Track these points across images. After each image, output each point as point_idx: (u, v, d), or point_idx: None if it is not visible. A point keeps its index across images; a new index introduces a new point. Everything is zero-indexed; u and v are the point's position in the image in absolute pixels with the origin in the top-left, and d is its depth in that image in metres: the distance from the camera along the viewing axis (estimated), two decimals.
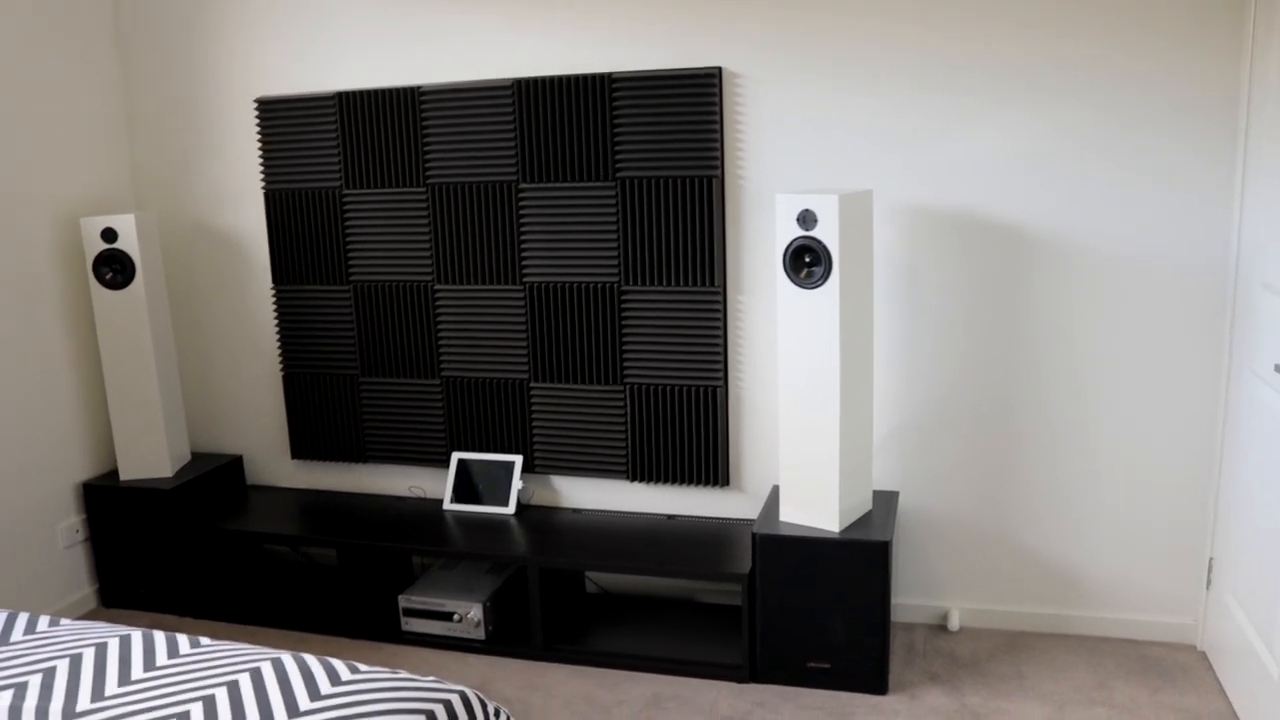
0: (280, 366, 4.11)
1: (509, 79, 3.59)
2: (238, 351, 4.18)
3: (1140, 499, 3.40)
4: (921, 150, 3.34)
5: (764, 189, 3.49)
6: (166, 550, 3.87)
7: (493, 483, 3.82)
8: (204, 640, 2.31)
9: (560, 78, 3.54)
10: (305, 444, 4.11)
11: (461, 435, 3.90)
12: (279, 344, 4.08)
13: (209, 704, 2.02)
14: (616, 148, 3.53)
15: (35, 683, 2.16)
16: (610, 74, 3.50)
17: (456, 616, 3.55)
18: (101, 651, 2.27)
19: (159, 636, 2.33)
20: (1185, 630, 3.45)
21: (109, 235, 3.77)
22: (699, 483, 3.68)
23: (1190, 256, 3.22)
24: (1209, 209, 3.18)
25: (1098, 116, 3.19)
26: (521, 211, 3.67)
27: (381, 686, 2.07)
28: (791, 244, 3.14)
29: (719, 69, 3.42)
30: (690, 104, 3.45)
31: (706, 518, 3.73)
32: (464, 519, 3.76)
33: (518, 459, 3.80)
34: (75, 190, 3.90)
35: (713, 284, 3.54)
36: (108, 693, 2.10)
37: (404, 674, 2.15)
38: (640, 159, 3.52)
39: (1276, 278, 2.83)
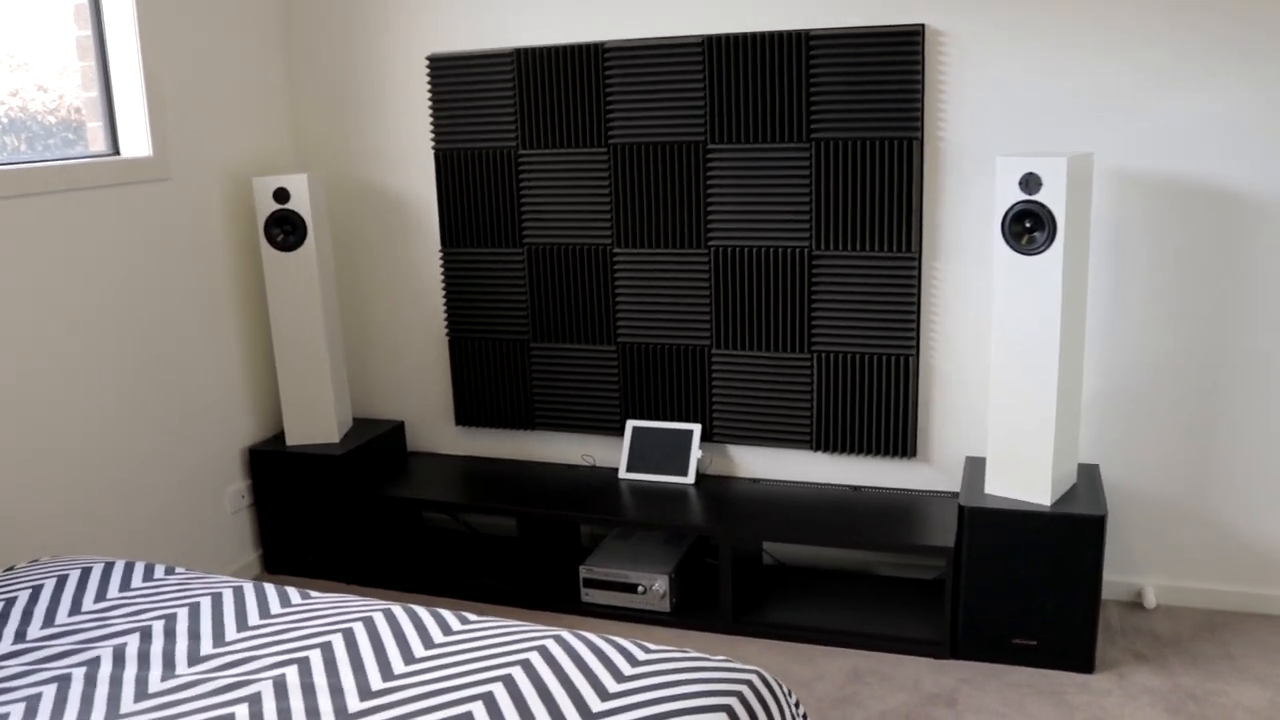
0: (446, 331, 4.04)
1: (699, 35, 3.48)
2: (402, 315, 4.11)
3: None
4: (1134, 114, 3.21)
5: (965, 152, 3.38)
6: (331, 517, 3.82)
7: (669, 451, 3.74)
8: (470, 617, 2.25)
9: (754, 34, 3.43)
10: (470, 410, 4.04)
11: (636, 403, 3.82)
12: (445, 308, 4.00)
13: (507, 686, 1.96)
14: (812, 108, 3.42)
15: (159, 628, 2.17)
16: (807, 31, 3.38)
17: (641, 588, 3.49)
18: (371, 625, 2.22)
19: (423, 613, 2.27)
20: None
21: (281, 195, 3.70)
22: (885, 453, 3.59)
23: None
24: None
25: None
26: (709, 173, 3.56)
27: (681, 666, 2.00)
28: (1012, 209, 3.02)
29: (922, 26, 3.29)
30: (890, 63, 3.33)
31: (892, 489, 3.64)
32: (640, 488, 3.69)
33: (696, 427, 3.72)
34: (241, 151, 3.84)
35: (909, 250, 3.43)
36: (414, 656, 2.05)
37: (693, 652, 2.08)
38: (836, 120, 3.41)
39: None
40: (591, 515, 3.50)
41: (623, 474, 3.78)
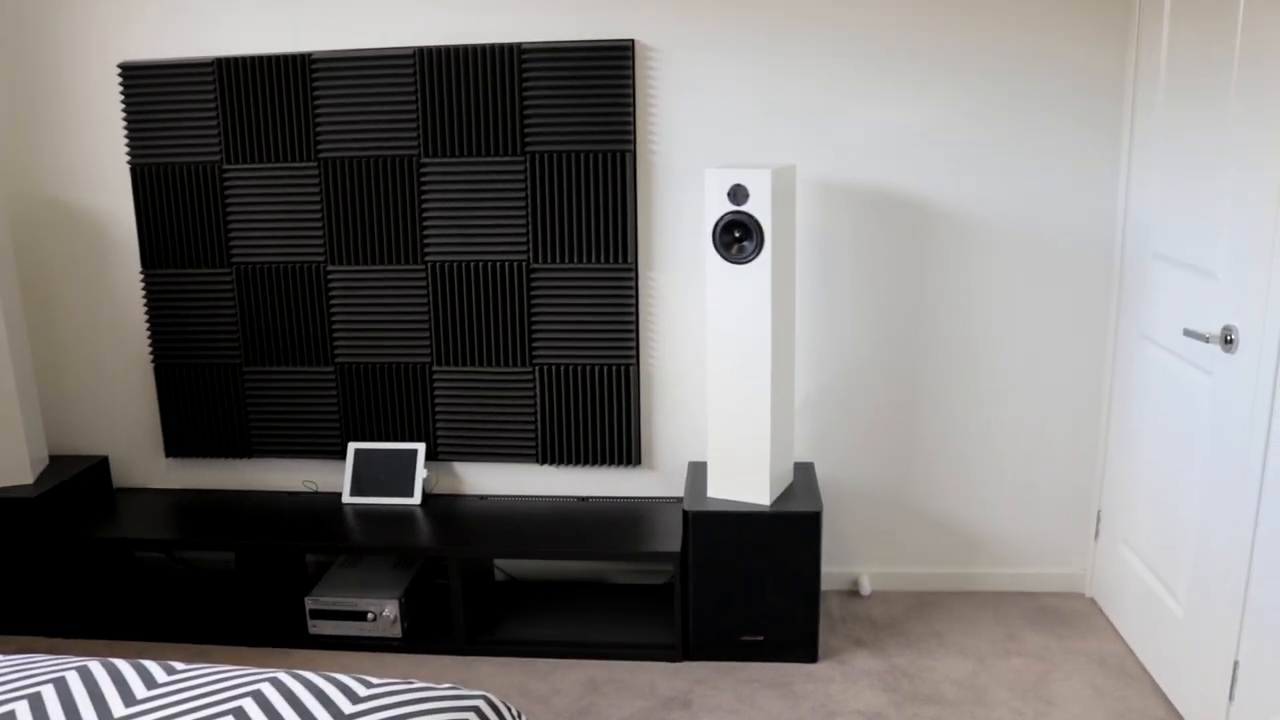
0: (151, 357, 3.79)
1: (411, 47, 3.41)
2: (101, 342, 3.83)
3: (1034, 461, 3.57)
4: (829, 126, 3.38)
5: (676, 164, 3.46)
6: (27, 564, 3.51)
7: (394, 473, 3.65)
8: (177, 666, 2.11)
9: (467, 47, 3.39)
10: (181, 440, 3.81)
11: (358, 424, 3.71)
12: (149, 333, 3.76)
13: None
14: (526, 121, 3.42)
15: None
16: (520, 44, 3.37)
17: (371, 615, 3.38)
18: (63, 686, 2.04)
19: (123, 666, 2.11)
20: (1075, 580, 3.64)
21: None
22: (610, 463, 3.63)
23: (1080, 228, 3.39)
24: (1098, 183, 3.35)
25: (996, 93, 3.31)
26: (424, 187, 3.50)
27: (404, 699, 1.94)
28: (722, 219, 3.11)
29: (632, 41, 3.35)
30: (603, 77, 3.37)
31: (620, 498, 3.68)
32: (366, 511, 3.58)
33: (420, 446, 3.65)
34: None
35: (625, 260, 3.48)
36: None
37: (417, 683, 2.02)
38: (551, 133, 3.42)
39: (1167, 247, 3.01)
40: (315, 543, 3.36)
41: (346, 499, 3.66)
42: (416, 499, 3.62)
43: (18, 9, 3.61)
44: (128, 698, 1.97)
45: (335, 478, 3.82)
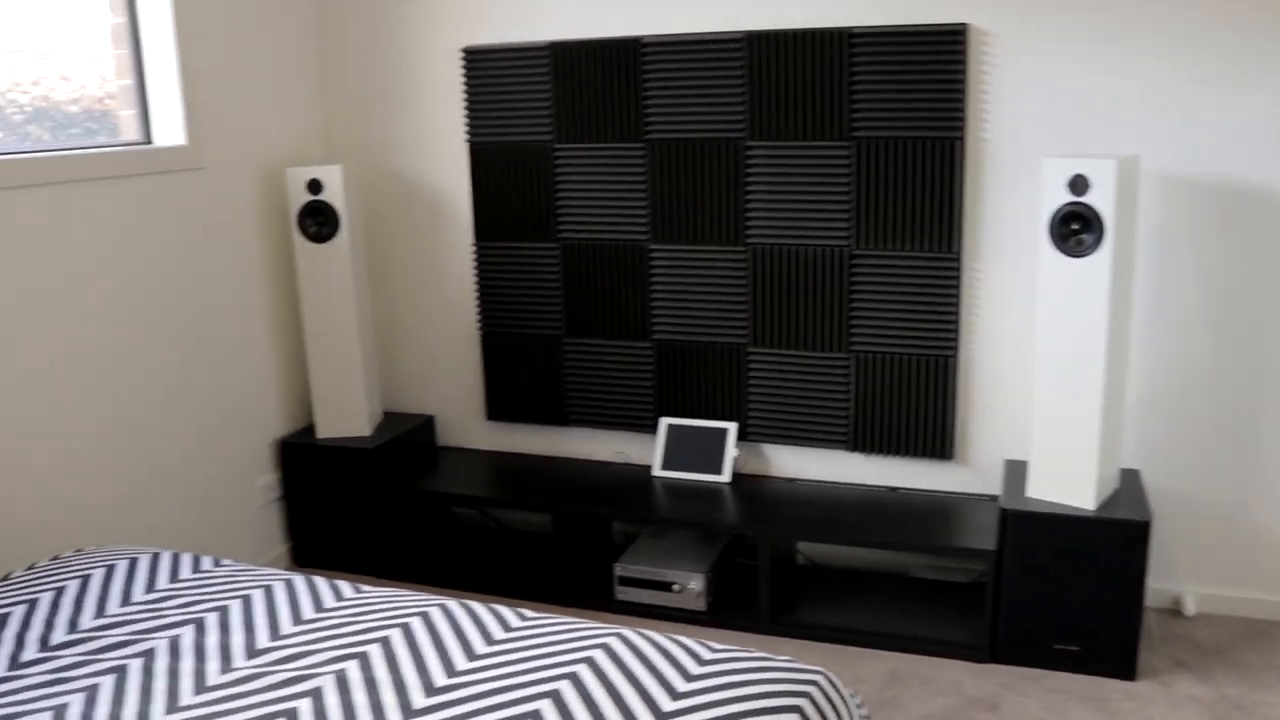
0: (479, 325, 4.01)
1: (741, 31, 3.45)
2: (433, 308, 4.08)
3: None
4: (1182, 117, 3.19)
5: (1007, 153, 3.35)
6: (361, 510, 3.79)
7: (704, 450, 3.71)
8: (528, 613, 2.22)
9: (796, 32, 3.40)
10: (502, 405, 4.01)
11: (671, 400, 3.79)
12: (478, 302, 3.97)
13: (574, 684, 1.93)
14: (854, 106, 3.40)
15: (213, 620, 2.15)
16: (849, 29, 3.35)
17: (677, 586, 3.46)
18: (428, 620, 2.18)
19: (479, 608, 2.24)
20: None
21: (314, 186, 3.67)
22: (922, 455, 3.56)
23: None
24: None
25: None
26: (748, 170, 3.54)
27: (746, 666, 1.97)
28: (1060, 210, 3.00)
29: (964, 25, 3.27)
30: (933, 62, 3.31)
31: (929, 491, 3.61)
32: (675, 486, 3.66)
33: (731, 425, 3.70)
34: (274, 141, 3.80)
35: (949, 250, 3.40)
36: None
37: (757, 653, 2.05)
38: (878, 118, 3.38)
39: None
40: (626, 513, 3.47)
41: (656, 471, 3.75)
42: (725, 477, 3.67)
43: None
44: (487, 638, 2.09)
45: (645, 450, 3.92)
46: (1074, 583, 3.10)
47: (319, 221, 3.70)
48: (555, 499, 3.58)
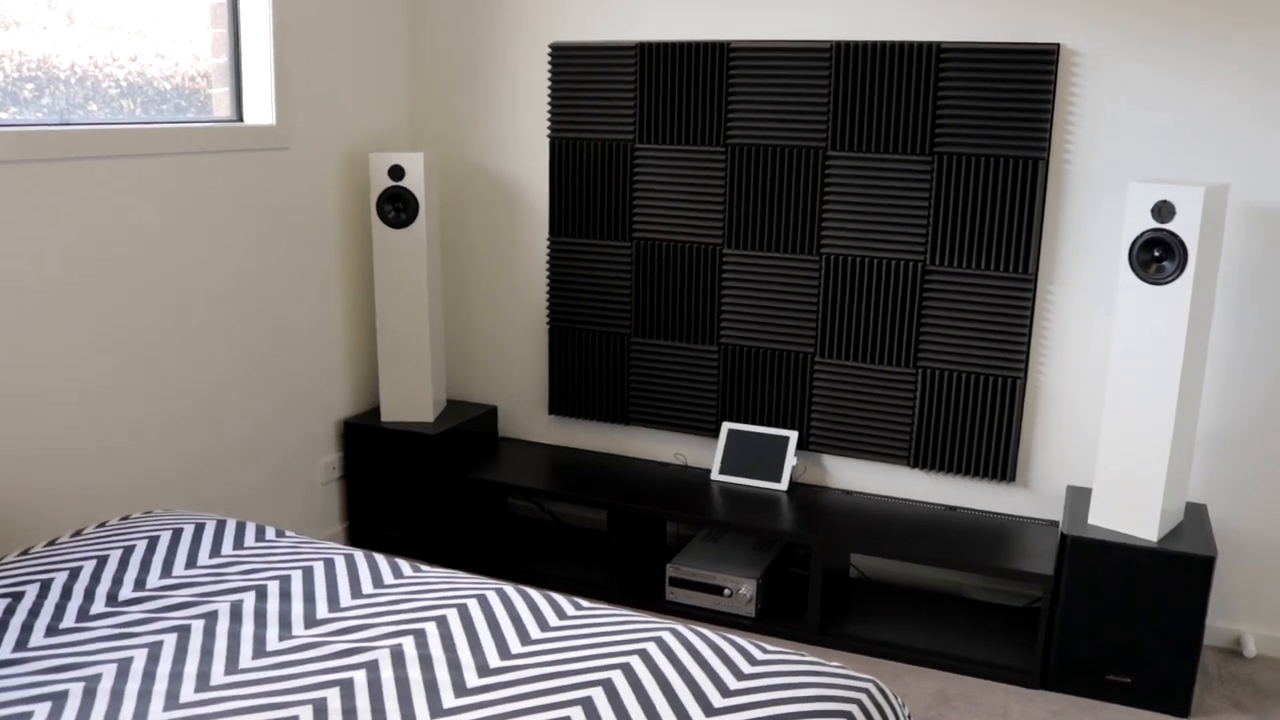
0: (547, 319, 4.04)
1: (828, 40, 3.45)
2: (503, 300, 4.12)
3: None
4: (1263, 148, 3.14)
5: (1090, 176, 3.32)
6: (419, 495, 3.84)
7: (763, 457, 3.71)
8: (583, 603, 2.23)
9: (884, 43, 3.39)
10: (565, 400, 4.04)
11: (733, 405, 3.80)
12: (548, 296, 4.01)
13: (625, 675, 1.94)
14: (938, 121, 3.38)
15: (274, 589, 2.19)
16: (939, 44, 3.34)
17: (728, 591, 3.46)
18: (485, 603, 2.21)
19: (536, 595, 2.26)
20: None
21: (396, 172, 3.72)
22: (983, 475, 3.53)
23: None
24: None
25: None
26: (827, 179, 3.53)
27: (798, 669, 1.98)
28: (1141, 236, 2.96)
29: (1057, 46, 3.24)
30: (1022, 81, 3.28)
31: (989, 512, 3.58)
32: (732, 491, 3.66)
33: (792, 434, 3.69)
34: (359, 125, 3.87)
35: (1025, 270, 3.37)
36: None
37: (809, 657, 2.05)
38: (961, 134, 3.36)
39: None
40: (684, 514, 3.48)
41: (715, 475, 3.76)
42: (783, 485, 3.67)
43: None
44: (543, 624, 2.11)
45: (704, 454, 3.93)
46: (1131, 614, 3.06)
47: (398, 207, 3.75)
48: (612, 496, 3.60)
